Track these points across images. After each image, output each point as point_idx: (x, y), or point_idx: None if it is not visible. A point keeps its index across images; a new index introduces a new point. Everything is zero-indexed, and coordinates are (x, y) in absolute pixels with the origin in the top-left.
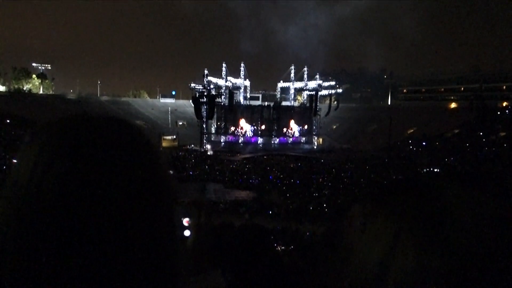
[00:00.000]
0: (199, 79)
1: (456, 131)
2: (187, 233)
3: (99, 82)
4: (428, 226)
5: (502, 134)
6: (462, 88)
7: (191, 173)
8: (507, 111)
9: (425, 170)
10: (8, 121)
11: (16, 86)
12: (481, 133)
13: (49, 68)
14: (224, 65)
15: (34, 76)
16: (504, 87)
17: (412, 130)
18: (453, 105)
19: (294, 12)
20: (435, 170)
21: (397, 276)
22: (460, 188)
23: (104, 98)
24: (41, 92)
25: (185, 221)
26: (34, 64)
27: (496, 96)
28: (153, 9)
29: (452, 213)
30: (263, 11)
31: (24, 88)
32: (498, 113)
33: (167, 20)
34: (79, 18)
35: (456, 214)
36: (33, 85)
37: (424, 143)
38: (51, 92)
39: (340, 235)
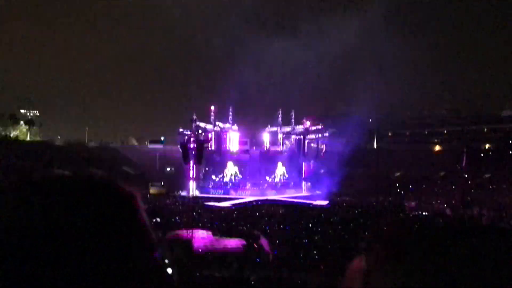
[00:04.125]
0: (187, 123)
1: (442, 173)
2: (169, 270)
3: (87, 128)
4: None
5: (487, 176)
6: (445, 131)
7: (178, 220)
8: (490, 153)
9: (412, 214)
10: None
11: (3, 134)
12: (466, 176)
13: (38, 114)
14: (212, 109)
15: (21, 122)
16: (486, 129)
17: (398, 173)
18: (437, 147)
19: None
20: (424, 213)
21: None
22: (467, 239)
23: (92, 144)
24: (28, 138)
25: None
26: (22, 111)
27: (479, 138)
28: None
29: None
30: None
31: (11, 135)
32: (481, 155)
33: (155, 64)
34: (67, 64)
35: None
36: (21, 131)
37: (410, 186)
38: (38, 138)
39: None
